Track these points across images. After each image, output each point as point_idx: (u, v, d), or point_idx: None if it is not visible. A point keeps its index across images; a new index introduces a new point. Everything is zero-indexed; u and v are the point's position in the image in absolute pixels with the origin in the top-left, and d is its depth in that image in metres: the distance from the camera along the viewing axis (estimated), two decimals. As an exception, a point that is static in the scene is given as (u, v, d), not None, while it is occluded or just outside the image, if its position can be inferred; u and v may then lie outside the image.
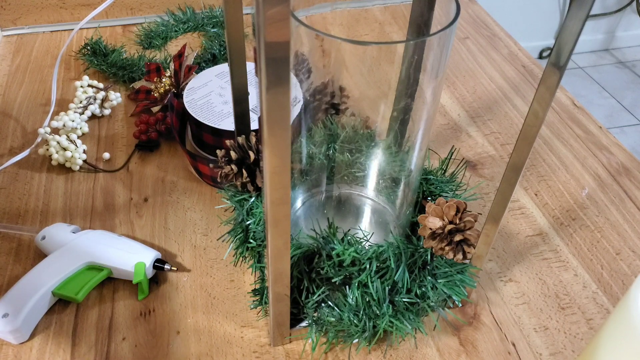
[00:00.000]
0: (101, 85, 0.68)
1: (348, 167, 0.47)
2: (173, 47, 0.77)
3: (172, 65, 0.64)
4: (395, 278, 0.40)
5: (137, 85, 0.67)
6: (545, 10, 2.00)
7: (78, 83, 0.67)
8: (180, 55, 0.63)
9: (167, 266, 0.48)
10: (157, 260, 0.47)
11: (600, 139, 0.65)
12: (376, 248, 0.40)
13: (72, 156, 0.57)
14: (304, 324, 0.43)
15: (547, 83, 0.32)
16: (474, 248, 0.40)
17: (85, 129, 0.63)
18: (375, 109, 0.42)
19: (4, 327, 0.42)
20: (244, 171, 0.44)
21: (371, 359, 0.43)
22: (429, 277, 0.41)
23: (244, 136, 0.45)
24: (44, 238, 0.48)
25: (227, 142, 0.45)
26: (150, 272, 0.47)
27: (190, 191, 0.56)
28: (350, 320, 0.40)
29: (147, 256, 0.47)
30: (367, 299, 0.40)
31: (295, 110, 0.40)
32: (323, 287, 0.41)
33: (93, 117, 0.65)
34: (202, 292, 0.47)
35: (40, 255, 0.49)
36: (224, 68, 0.61)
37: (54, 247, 0.48)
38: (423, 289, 0.41)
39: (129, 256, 0.47)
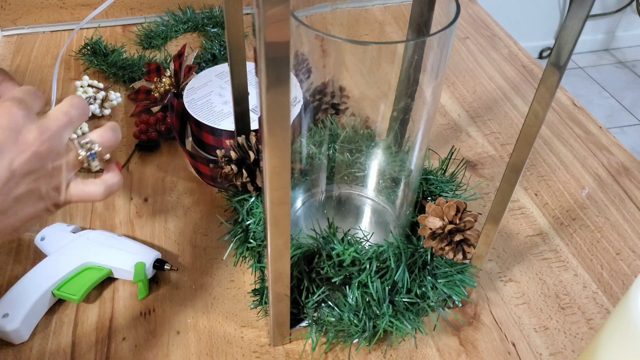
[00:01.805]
0: (101, 85, 0.68)
1: (348, 167, 0.47)
2: (173, 47, 0.77)
3: (172, 65, 0.64)
4: (395, 278, 0.40)
5: (137, 85, 0.67)
6: (545, 10, 2.00)
7: (78, 83, 0.67)
8: (180, 55, 0.63)
9: (167, 266, 0.48)
10: (157, 260, 0.47)
11: (600, 139, 0.65)
12: (376, 248, 0.40)
13: (72, 156, 0.57)
14: (304, 324, 0.43)
15: (547, 83, 0.32)
16: (474, 248, 0.40)
17: (85, 128, 0.63)
18: (375, 109, 0.42)
19: (4, 327, 0.42)
20: (244, 171, 0.44)
21: (371, 359, 0.43)
22: (429, 277, 0.41)
23: (244, 136, 0.45)
24: (43, 238, 0.48)
25: (227, 142, 0.45)
26: (150, 272, 0.47)
27: (190, 191, 0.56)
28: (350, 320, 0.40)
29: (147, 256, 0.47)
30: (367, 299, 0.40)
31: (295, 110, 0.40)
32: (323, 287, 0.41)
33: (93, 117, 0.65)
34: (202, 292, 0.47)
35: (40, 255, 0.49)
36: (224, 68, 0.61)
37: (54, 247, 0.48)
38: (423, 289, 0.41)
39: (129, 256, 0.47)
